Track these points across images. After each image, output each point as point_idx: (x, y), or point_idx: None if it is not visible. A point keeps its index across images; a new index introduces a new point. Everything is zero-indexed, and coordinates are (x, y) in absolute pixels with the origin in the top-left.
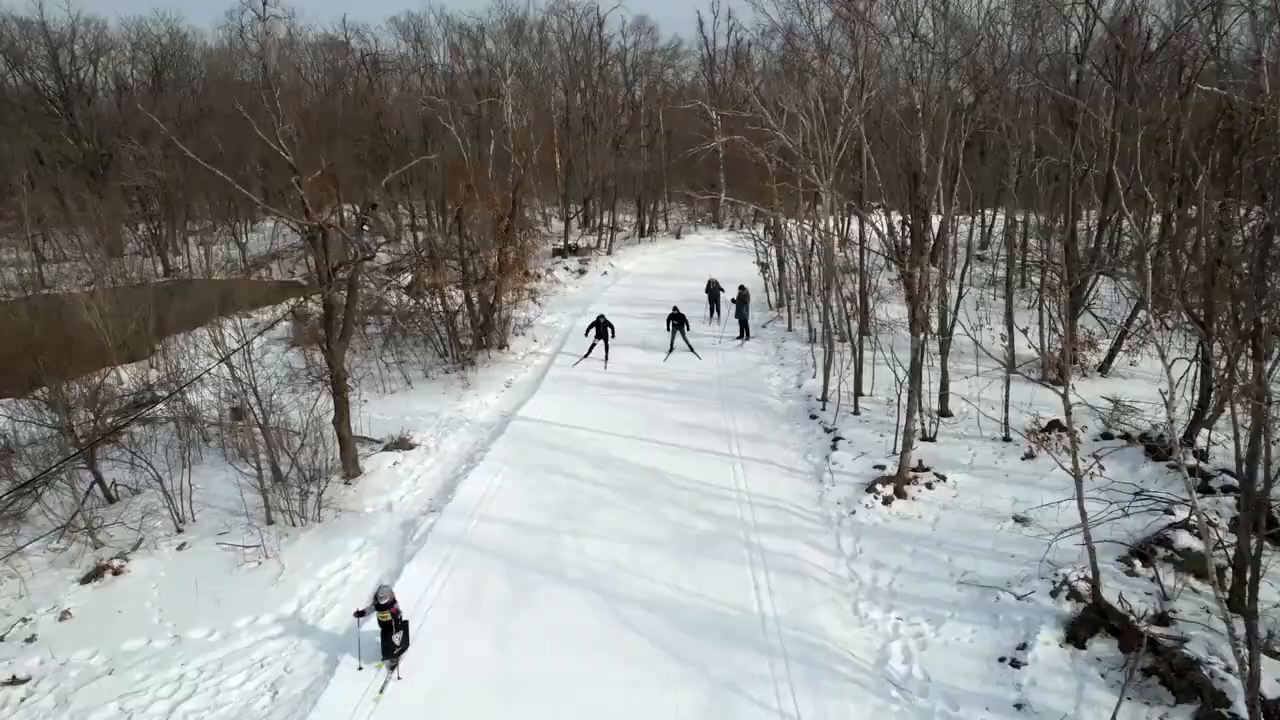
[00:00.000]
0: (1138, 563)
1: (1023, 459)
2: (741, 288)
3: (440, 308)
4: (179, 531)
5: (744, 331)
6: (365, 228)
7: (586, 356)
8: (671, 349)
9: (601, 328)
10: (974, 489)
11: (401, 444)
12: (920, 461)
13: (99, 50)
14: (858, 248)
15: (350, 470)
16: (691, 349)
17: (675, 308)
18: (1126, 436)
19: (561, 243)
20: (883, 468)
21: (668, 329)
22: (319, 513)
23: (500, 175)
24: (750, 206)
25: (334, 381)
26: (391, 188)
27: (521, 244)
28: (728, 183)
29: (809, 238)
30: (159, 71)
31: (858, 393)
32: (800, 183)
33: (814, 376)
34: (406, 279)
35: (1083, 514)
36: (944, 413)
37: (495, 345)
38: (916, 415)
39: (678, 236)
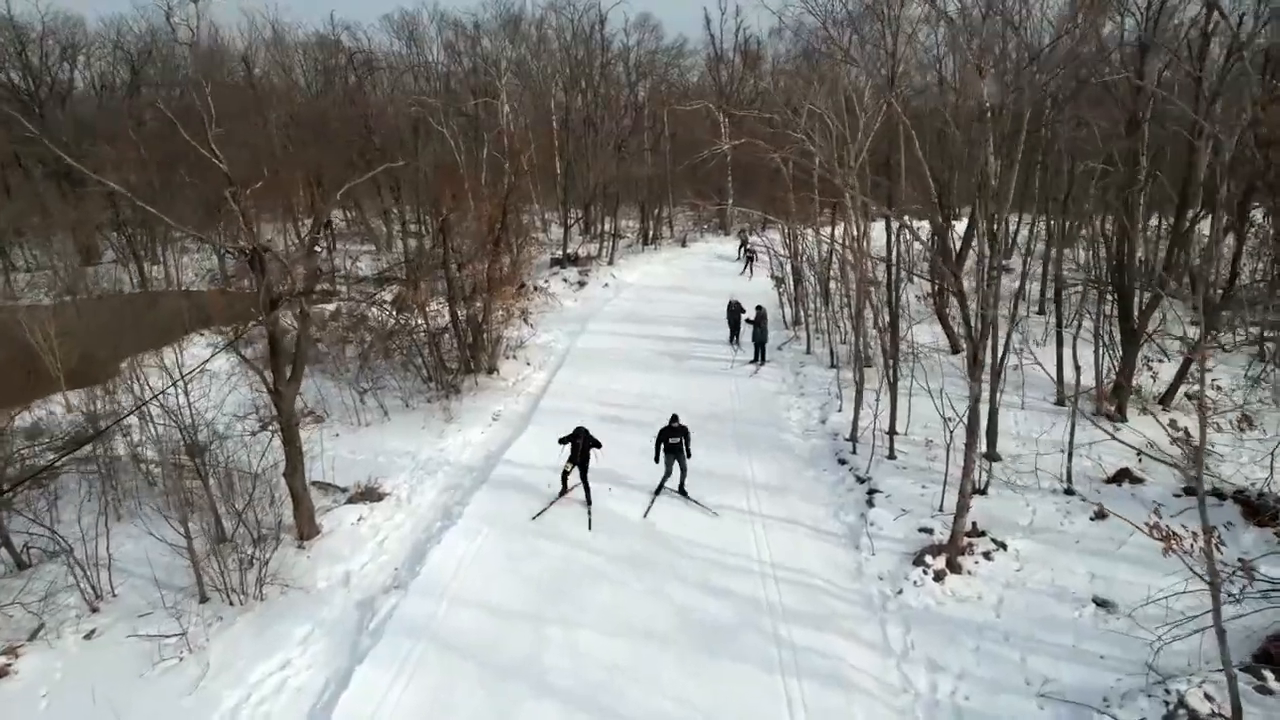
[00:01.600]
0: (1270, 675)
1: (1092, 519)
2: (759, 308)
3: (423, 327)
4: (93, 611)
5: (759, 356)
6: (317, 249)
7: (564, 493)
8: (661, 488)
9: (579, 447)
10: (1040, 559)
11: (369, 494)
12: (974, 524)
13: (74, 48)
14: (886, 261)
15: (305, 530)
16: (692, 497)
17: (674, 418)
18: (1218, 493)
19: (560, 251)
20: (930, 531)
21: (657, 455)
22: (261, 590)
23: (495, 180)
24: (759, 214)
25: (284, 429)
26: (382, 192)
27: (517, 254)
28: (736, 187)
29: (829, 249)
30: (136, 71)
31: (892, 432)
32: (817, 189)
33: (839, 410)
34: (388, 294)
35: (1220, 635)
36: (992, 456)
37: (484, 369)
38: (973, 474)
39: (683, 244)
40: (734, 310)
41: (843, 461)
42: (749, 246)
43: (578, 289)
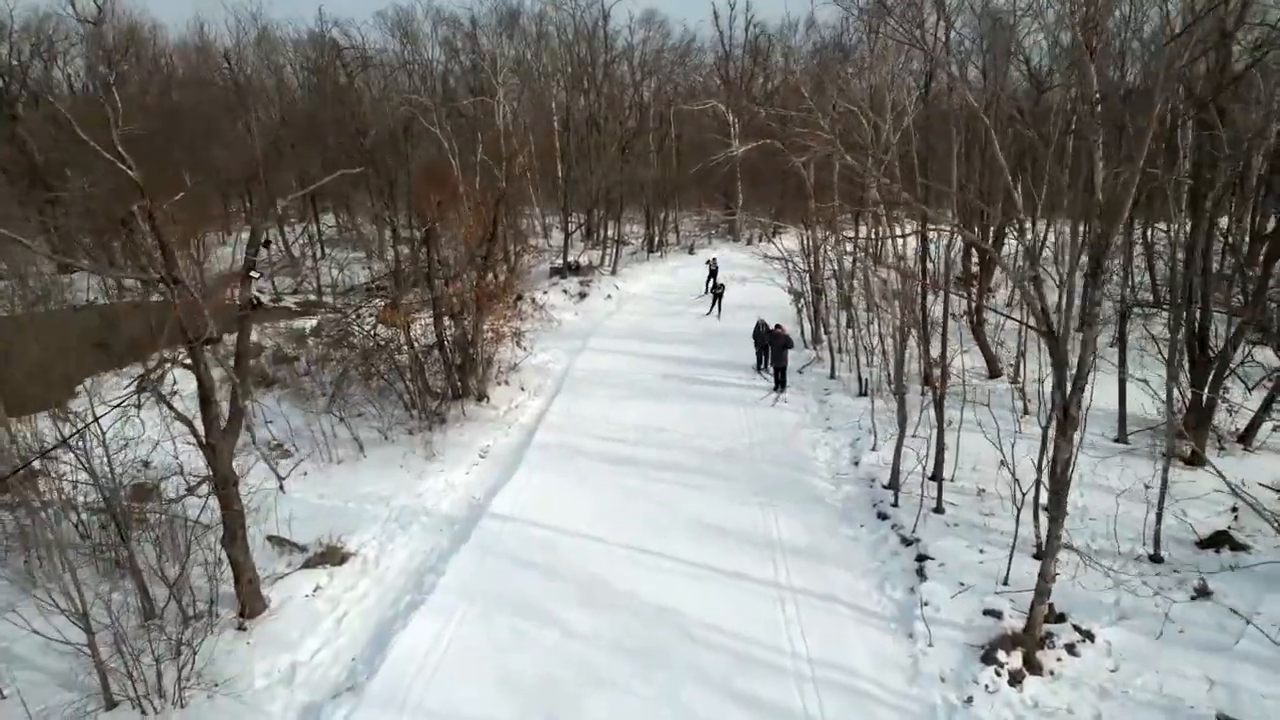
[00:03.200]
0: None
1: (1193, 598)
2: (779, 327)
3: (404, 350)
4: None
5: (780, 382)
6: (254, 274)
7: None
8: None
9: None
10: (1139, 656)
11: (330, 555)
12: (1051, 606)
13: (48, 44)
14: (920, 277)
15: (248, 605)
16: None
17: None
18: None
19: (560, 260)
20: (998, 615)
21: None
22: (182, 694)
23: (490, 184)
24: (772, 223)
25: (218, 489)
26: (372, 196)
27: (514, 262)
28: (746, 190)
29: (854, 259)
30: (112, 69)
31: (939, 479)
32: (837, 192)
33: (873, 448)
34: (369, 312)
35: None
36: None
37: (473, 395)
38: (1057, 551)
39: (691, 252)
40: (763, 333)
41: (883, 516)
42: (719, 280)
43: (578, 301)
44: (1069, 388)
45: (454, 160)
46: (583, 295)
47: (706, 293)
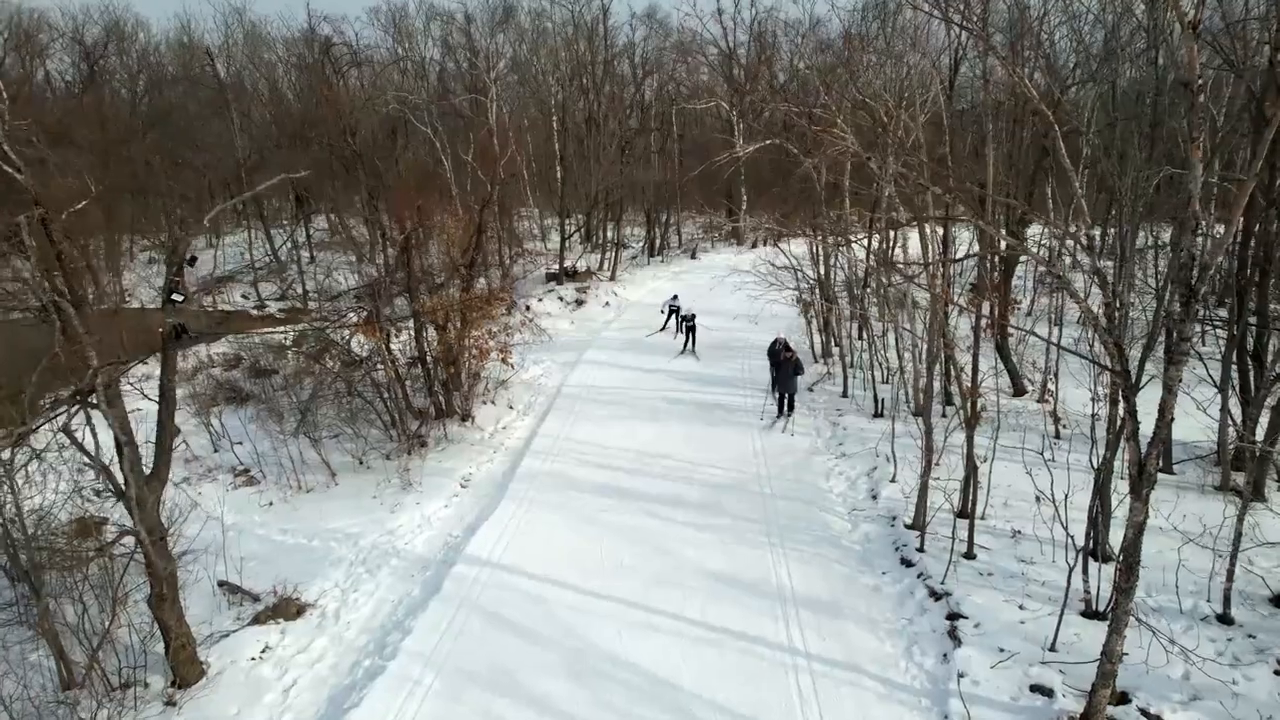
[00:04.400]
0: None
1: (1278, 672)
2: (789, 351)
3: (385, 367)
4: None
5: (788, 406)
6: (175, 299)
7: None
8: None
9: None
10: None
11: (284, 608)
12: (1113, 686)
13: (26, 39)
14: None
15: (182, 673)
16: None
17: None
18: None
19: (556, 265)
20: (1048, 693)
21: None
22: None
23: (481, 186)
24: (778, 228)
25: (143, 545)
26: (363, 198)
27: (507, 269)
28: (749, 192)
29: (865, 268)
30: (92, 65)
31: (971, 517)
32: (848, 194)
33: (892, 479)
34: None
35: None
36: (1102, 555)
37: (457, 415)
38: (1124, 629)
39: (693, 256)
40: (779, 353)
41: (907, 563)
42: (684, 312)
43: (575, 308)
44: (1148, 440)
45: (445, 160)
46: (579, 303)
47: (666, 328)
